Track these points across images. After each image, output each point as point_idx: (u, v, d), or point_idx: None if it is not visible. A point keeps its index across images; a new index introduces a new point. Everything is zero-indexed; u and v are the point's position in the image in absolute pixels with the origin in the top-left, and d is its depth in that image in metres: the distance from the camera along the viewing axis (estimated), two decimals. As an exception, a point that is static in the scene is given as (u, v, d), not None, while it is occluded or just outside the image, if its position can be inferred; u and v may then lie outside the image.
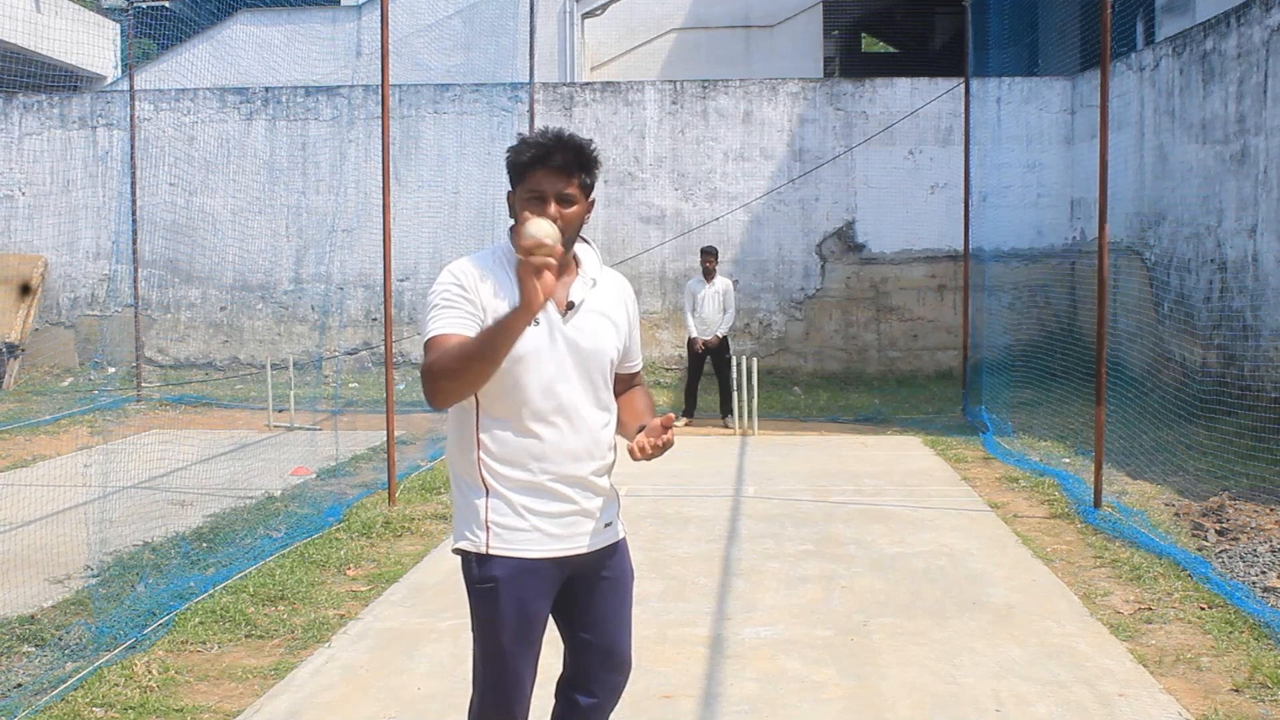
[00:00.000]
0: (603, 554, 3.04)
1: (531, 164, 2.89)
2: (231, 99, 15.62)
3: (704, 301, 11.76)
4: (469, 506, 2.95)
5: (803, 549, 6.81)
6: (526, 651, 2.96)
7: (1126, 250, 13.08)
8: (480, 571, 2.91)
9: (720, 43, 19.34)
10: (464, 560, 2.97)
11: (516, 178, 2.94)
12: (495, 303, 2.87)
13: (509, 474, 2.91)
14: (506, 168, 2.96)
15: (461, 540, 2.96)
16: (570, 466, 2.94)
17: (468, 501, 2.95)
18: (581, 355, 2.94)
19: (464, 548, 2.95)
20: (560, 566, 2.97)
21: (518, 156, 2.92)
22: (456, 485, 3.01)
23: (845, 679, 4.74)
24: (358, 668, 4.92)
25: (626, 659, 3.13)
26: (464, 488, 2.97)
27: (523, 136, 2.98)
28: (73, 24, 17.22)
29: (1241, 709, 4.41)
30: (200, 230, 15.46)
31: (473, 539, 2.93)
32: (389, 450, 8.07)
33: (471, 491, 2.95)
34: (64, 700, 4.46)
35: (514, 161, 2.93)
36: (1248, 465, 8.03)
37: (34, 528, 7.16)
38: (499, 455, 2.91)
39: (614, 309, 3.07)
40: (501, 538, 2.91)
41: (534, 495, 2.92)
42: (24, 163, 15.66)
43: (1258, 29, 10.22)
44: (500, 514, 2.91)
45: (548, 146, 2.89)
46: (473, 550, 2.93)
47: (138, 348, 14.09)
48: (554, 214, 2.86)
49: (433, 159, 15.33)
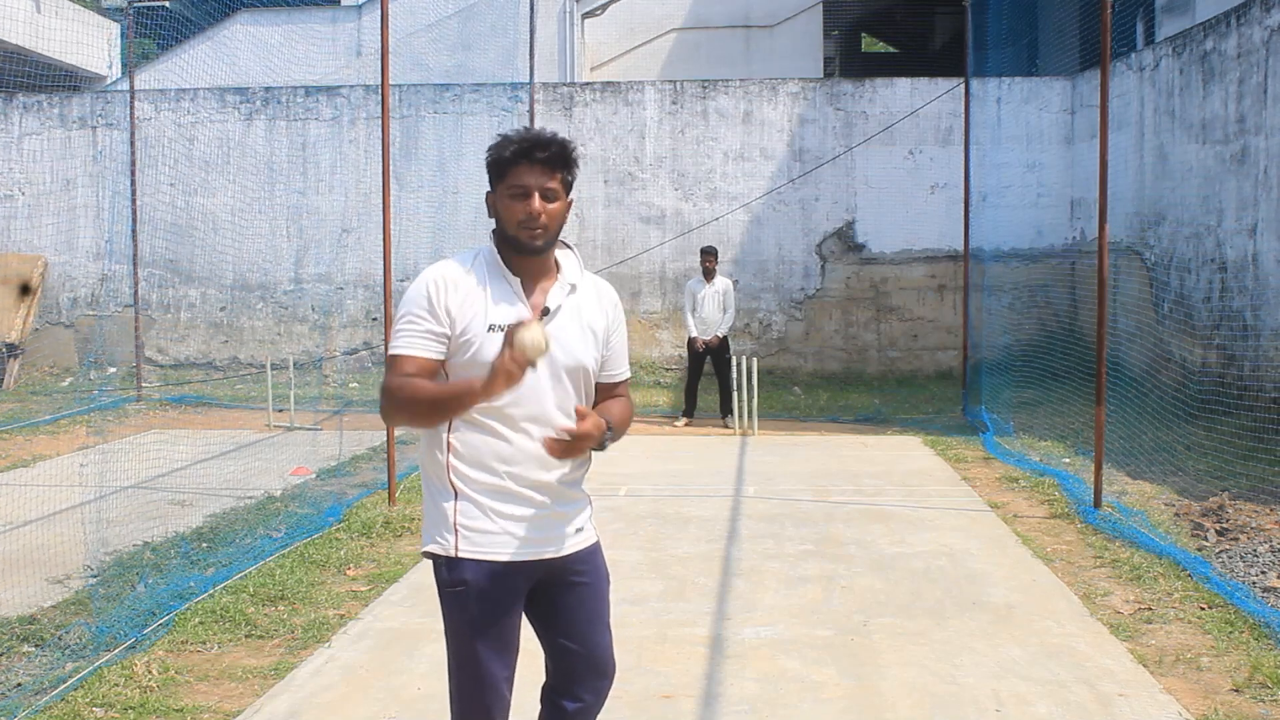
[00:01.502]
0: (575, 558, 3.01)
1: (514, 159, 2.86)
2: (231, 99, 15.62)
3: (704, 301, 11.76)
4: (438, 510, 2.93)
5: (803, 549, 6.81)
6: (501, 655, 2.93)
7: (1126, 250, 13.08)
8: (450, 575, 2.90)
9: (720, 43, 19.34)
10: (434, 564, 2.95)
11: (497, 175, 2.90)
12: (464, 312, 2.85)
13: (477, 477, 2.89)
14: (487, 166, 2.92)
15: (430, 544, 2.94)
16: (538, 473, 2.91)
17: (436, 505, 2.94)
18: (554, 364, 2.88)
19: (433, 551, 2.93)
20: (531, 570, 2.94)
21: (500, 153, 2.89)
22: (427, 488, 2.99)
23: (845, 679, 4.74)
24: (358, 668, 4.92)
25: (609, 661, 3.11)
26: (433, 491, 2.96)
27: (501, 135, 2.93)
28: (73, 24, 17.21)
29: (1241, 709, 4.41)
30: (200, 230, 15.46)
31: (442, 542, 2.91)
32: (389, 450, 8.07)
33: (440, 495, 2.93)
34: (64, 700, 4.46)
35: (496, 159, 2.90)
36: (1248, 465, 8.03)
37: (34, 528, 7.16)
38: (468, 458, 2.89)
39: (593, 316, 3.01)
40: (471, 540, 2.88)
41: (503, 499, 2.89)
42: (24, 163, 15.66)
43: (1258, 29, 10.22)
44: (469, 517, 2.89)
45: (531, 141, 2.86)
46: (442, 554, 2.91)
47: (138, 348, 14.09)
48: (538, 208, 2.84)
49: (433, 159, 15.33)
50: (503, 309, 2.87)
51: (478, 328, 2.85)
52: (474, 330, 2.85)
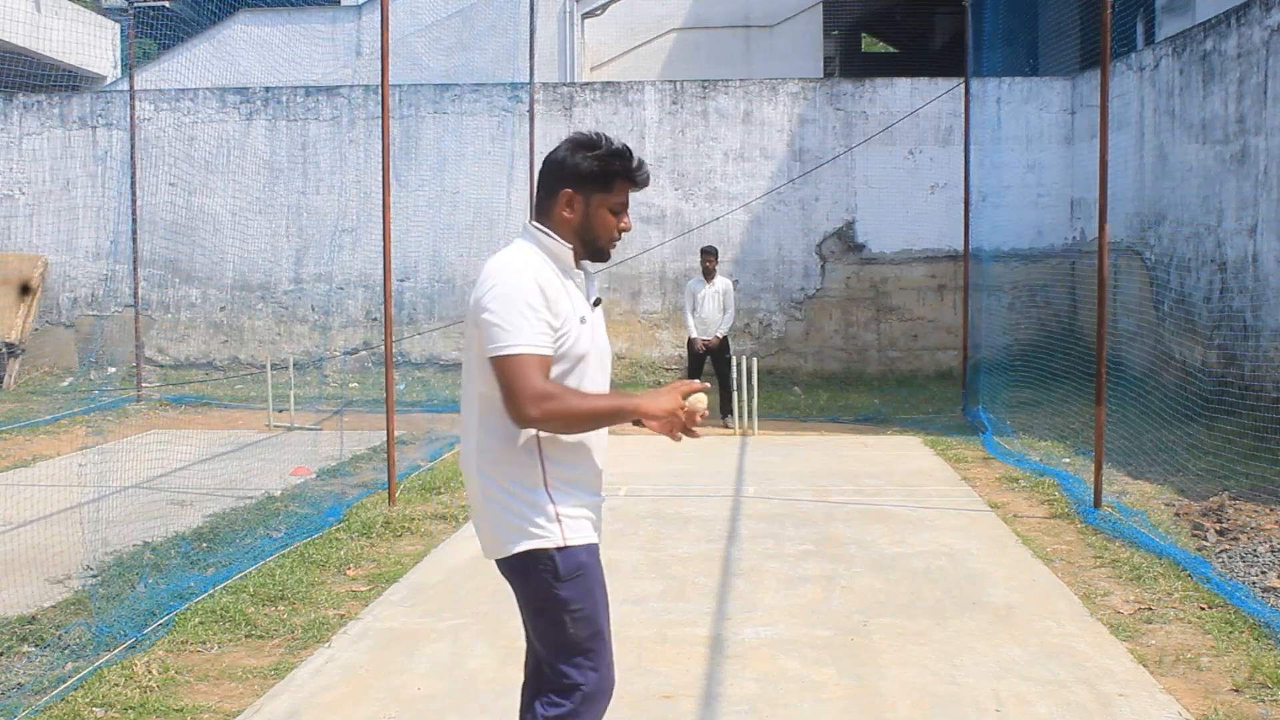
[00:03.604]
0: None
1: (622, 174, 2.96)
2: (231, 99, 15.62)
3: (704, 301, 11.76)
4: (529, 505, 2.93)
5: (803, 549, 6.81)
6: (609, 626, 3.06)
7: (1126, 250, 13.08)
8: (567, 563, 2.93)
9: (720, 43, 19.35)
10: (534, 559, 2.93)
11: (601, 184, 2.95)
12: (561, 306, 2.90)
13: (566, 470, 2.96)
14: (587, 172, 2.93)
15: (527, 541, 2.93)
16: (601, 459, 3.08)
17: (525, 501, 2.93)
18: (603, 351, 3.06)
19: (539, 546, 2.92)
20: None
21: (607, 165, 2.94)
22: (503, 489, 2.94)
23: (845, 679, 4.74)
24: (358, 668, 4.92)
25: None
26: (518, 488, 2.94)
27: (594, 141, 2.96)
28: (73, 24, 17.22)
29: (1241, 709, 4.41)
30: (200, 230, 15.46)
31: (546, 535, 2.92)
32: (389, 450, 8.07)
33: (531, 490, 2.93)
34: (64, 700, 4.46)
35: (603, 169, 2.94)
36: (1248, 465, 8.03)
37: (34, 528, 7.16)
38: (557, 454, 2.95)
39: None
40: (573, 528, 2.95)
41: (584, 489, 3.01)
42: (24, 163, 15.66)
43: (1258, 29, 10.22)
44: (567, 506, 2.95)
45: (637, 162, 2.97)
46: (550, 546, 2.92)
47: (138, 348, 14.08)
48: (628, 225, 3.03)
49: (433, 159, 15.33)
50: (580, 302, 2.99)
51: (573, 321, 2.92)
52: (571, 323, 2.92)
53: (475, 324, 2.87)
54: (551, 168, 2.97)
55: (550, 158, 2.99)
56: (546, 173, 2.99)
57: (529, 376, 2.77)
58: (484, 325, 2.82)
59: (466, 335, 2.98)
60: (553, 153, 3.00)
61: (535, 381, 2.77)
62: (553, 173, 2.97)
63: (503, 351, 2.78)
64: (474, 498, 3.03)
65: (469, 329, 2.94)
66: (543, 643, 2.99)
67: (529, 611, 3.00)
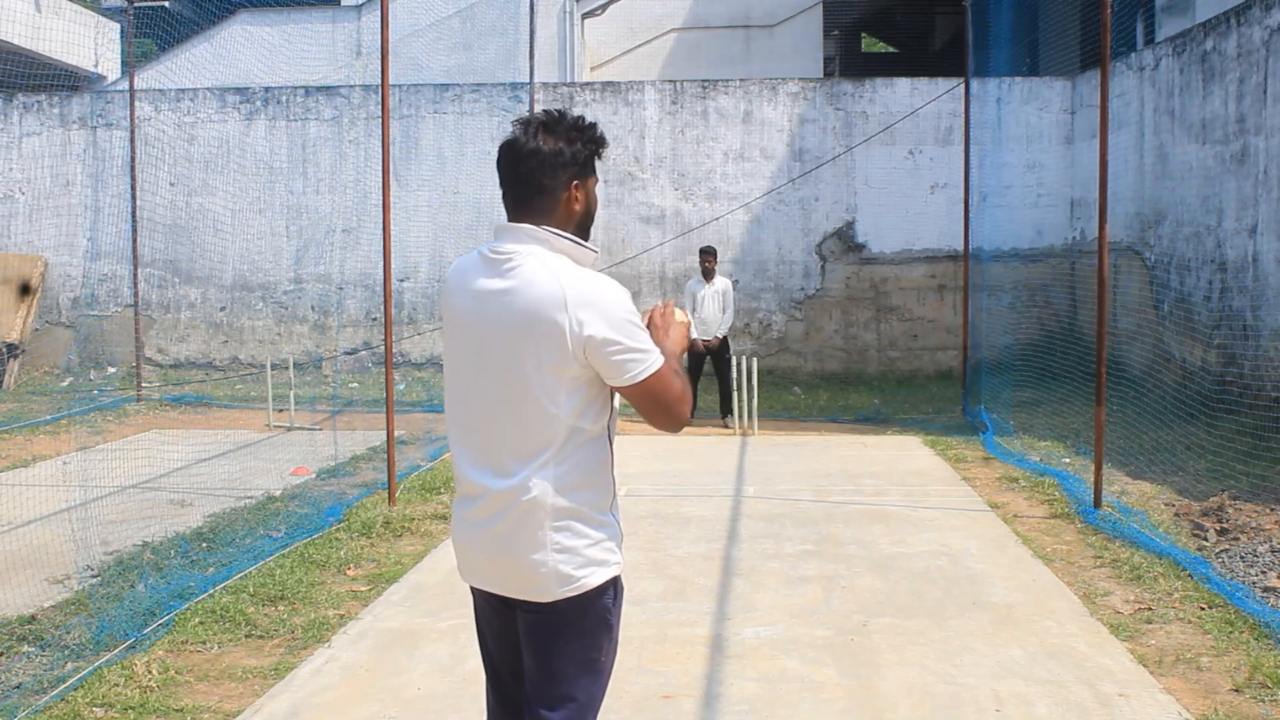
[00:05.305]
0: None
1: (603, 146, 2.75)
2: (231, 99, 15.62)
3: (704, 302, 11.76)
4: (605, 530, 2.68)
5: (803, 549, 6.81)
6: None
7: (1126, 250, 13.08)
8: (618, 596, 2.73)
9: (720, 43, 19.34)
10: (600, 592, 2.66)
11: (590, 166, 2.73)
12: None
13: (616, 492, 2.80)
14: (584, 156, 2.70)
15: (600, 570, 2.66)
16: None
17: (605, 527, 2.69)
18: None
19: (611, 575, 2.69)
20: None
21: (599, 143, 2.73)
22: (583, 520, 2.64)
23: (845, 679, 4.74)
24: (358, 668, 4.92)
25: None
26: (597, 516, 2.67)
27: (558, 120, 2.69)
28: (73, 24, 17.21)
29: (1241, 709, 4.41)
30: (200, 230, 15.46)
31: (615, 560, 2.70)
32: (389, 450, 8.07)
33: (604, 514, 2.69)
34: (64, 700, 4.46)
35: (596, 148, 2.73)
36: (1248, 465, 8.03)
37: (34, 528, 7.16)
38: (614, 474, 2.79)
39: None
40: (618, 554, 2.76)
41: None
42: (24, 163, 15.66)
43: (1258, 29, 10.22)
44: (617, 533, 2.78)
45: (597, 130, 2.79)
46: (619, 572, 2.72)
47: (138, 348, 14.08)
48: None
49: (433, 159, 15.33)
50: None
51: None
52: None
53: (587, 361, 2.57)
54: (549, 160, 2.63)
55: (537, 150, 2.63)
56: (543, 167, 2.64)
57: (672, 383, 2.63)
58: (609, 359, 2.56)
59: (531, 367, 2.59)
60: (533, 144, 2.64)
61: (676, 384, 2.64)
62: (553, 165, 2.63)
63: (647, 374, 2.59)
64: (520, 539, 2.63)
65: (545, 363, 2.57)
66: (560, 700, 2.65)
67: (573, 661, 2.65)
